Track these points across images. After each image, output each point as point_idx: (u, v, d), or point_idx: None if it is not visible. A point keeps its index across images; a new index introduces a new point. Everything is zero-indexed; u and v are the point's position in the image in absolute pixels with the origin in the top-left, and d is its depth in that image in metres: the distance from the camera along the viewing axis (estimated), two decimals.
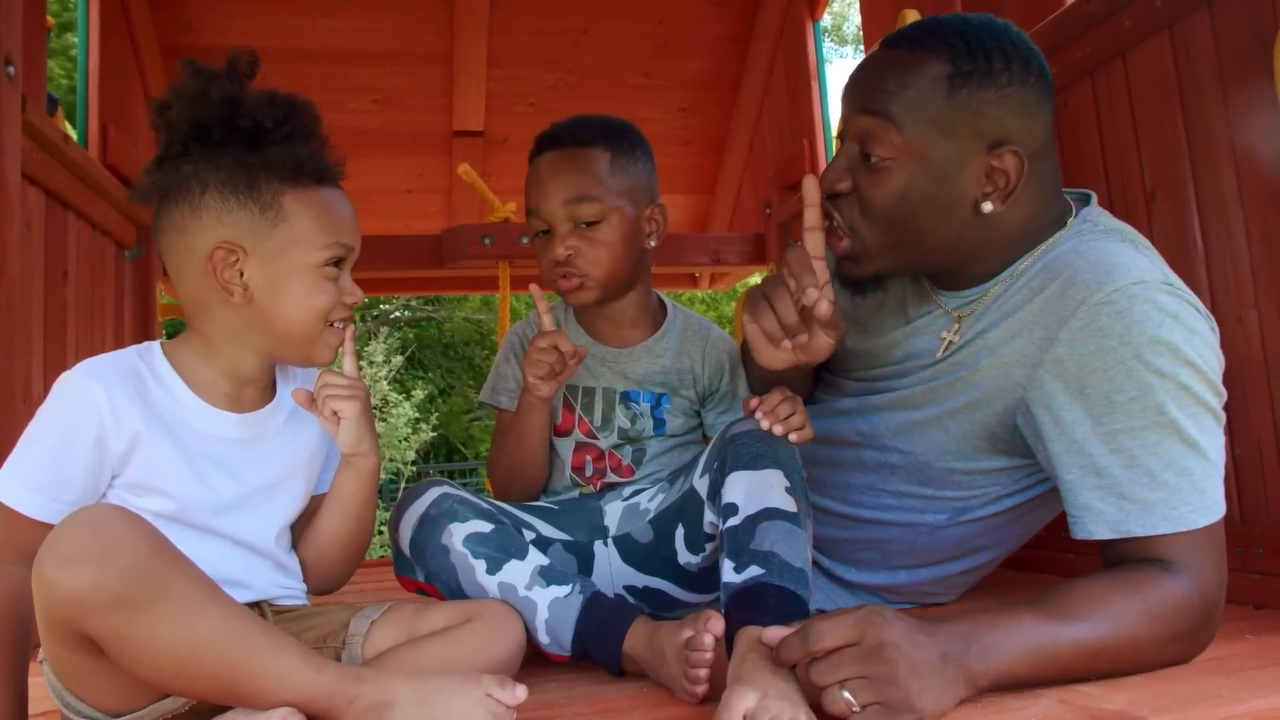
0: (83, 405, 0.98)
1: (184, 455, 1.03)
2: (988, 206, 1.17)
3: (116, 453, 1.00)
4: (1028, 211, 1.20)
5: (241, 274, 1.04)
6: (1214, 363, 1.09)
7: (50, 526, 0.94)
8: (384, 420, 9.77)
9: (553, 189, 1.38)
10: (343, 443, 1.11)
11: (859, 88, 1.22)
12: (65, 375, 1.00)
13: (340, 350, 1.12)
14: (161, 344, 1.09)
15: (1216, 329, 1.11)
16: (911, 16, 1.99)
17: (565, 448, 1.45)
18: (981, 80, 1.14)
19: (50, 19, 2.15)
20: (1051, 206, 1.23)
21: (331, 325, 1.09)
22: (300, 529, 1.17)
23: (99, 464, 1.00)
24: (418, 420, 10.22)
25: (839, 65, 15.68)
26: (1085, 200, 1.27)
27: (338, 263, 1.08)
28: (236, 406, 1.09)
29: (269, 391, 1.14)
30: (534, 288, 1.39)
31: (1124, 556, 1.07)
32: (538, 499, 1.47)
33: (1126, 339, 1.07)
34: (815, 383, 1.51)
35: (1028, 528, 1.40)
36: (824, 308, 1.10)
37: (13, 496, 0.97)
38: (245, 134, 1.04)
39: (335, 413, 1.09)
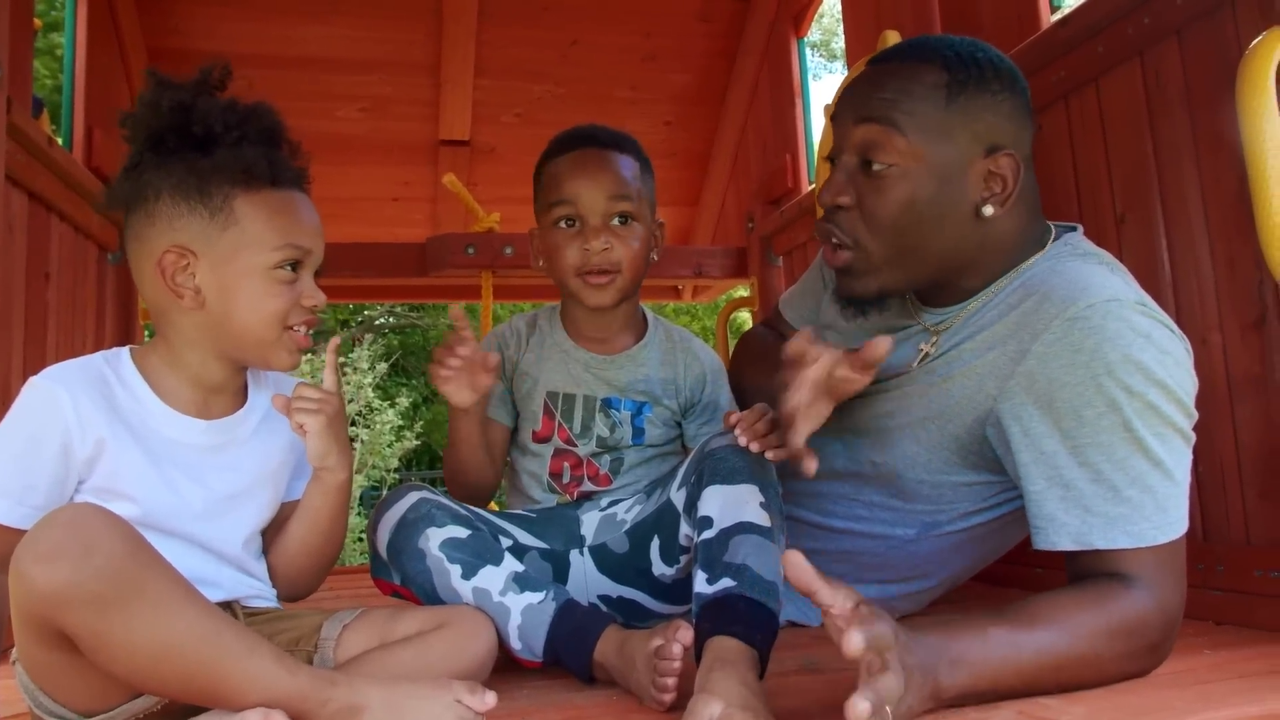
0: (48, 411, 1.00)
1: (151, 461, 1.04)
2: (988, 210, 1.20)
3: (82, 458, 1.01)
4: (1019, 221, 1.23)
5: (194, 277, 1.05)
6: (1186, 384, 1.11)
7: (16, 531, 0.95)
8: (368, 427, 9.74)
9: (596, 181, 1.40)
10: (309, 455, 1.12)
11: (855, 100, 1.24)
12: (32, 380, 1.01)
13: (305, 355, 1.13)
14: (131, 350, 1.10)
15: (1190, 351, 1.14)
16: (893, 37, 2.02)
17: (544, 453, 1.47)
18: (977, 86, 1.18)
19: (37, 21, 2.15)
20: (1036, 221, 1.26)
21: (291, 329, 1.09)
22: (270, 536, 1.18)
23: (64, 470, 1.01)
24: (401, 428, 10.18)
25: (828, 80, 15.79)
26: (1071, 230, 1.29)
27: (294, 265, 1.08)
28: (204, 413, 1.10)
29: (239, 398, 1.15)
30: (454, 310, 1.31)
31: (1087, 570, 1.09)
32: (485, 504, 1.48)
33: (1098, 354, 1.09)
34: None
35: (996, 546, 1.42)
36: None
37: None
38: (198, 140, 1.05)
39: (300, 425, 1.10)
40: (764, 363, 1.45)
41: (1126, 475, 1.07)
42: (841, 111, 1.26)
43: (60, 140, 2.32)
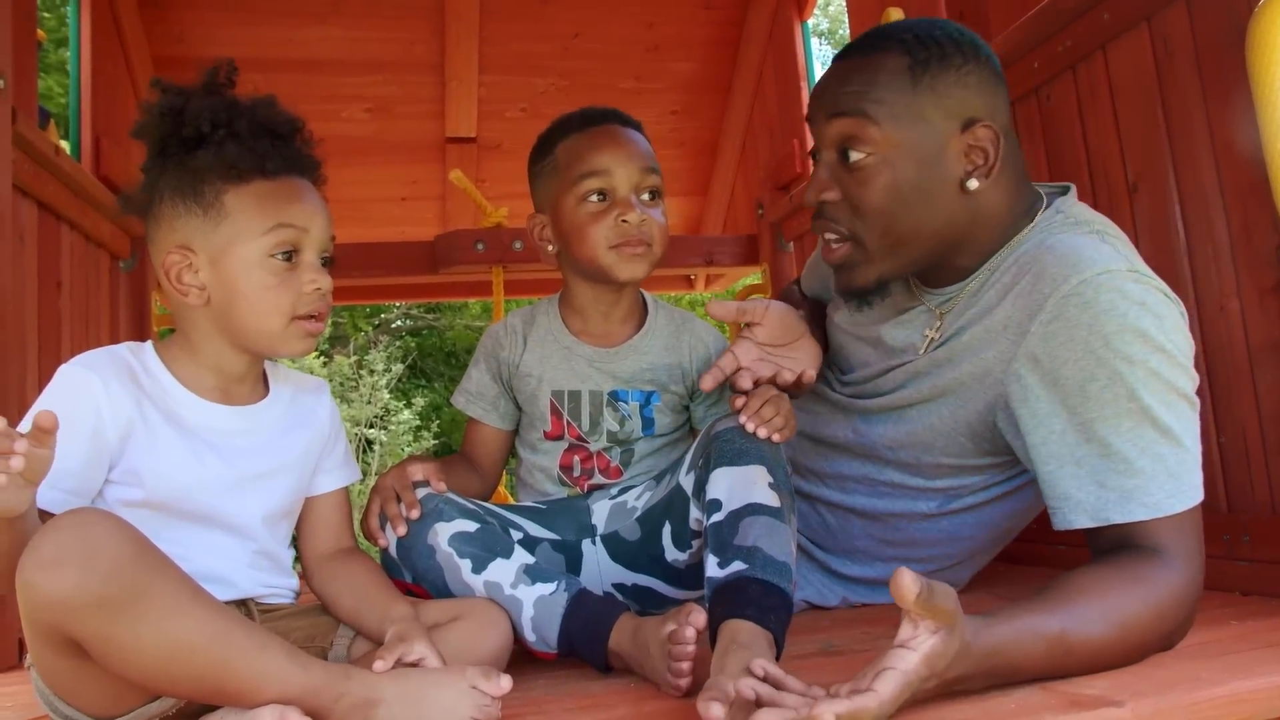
0: (80, 395, 1.01)
1: (180, 440, 1.05)
2: (974, 184, 1.20)
3: (113, 440, 1.01)
4: (1006, 193, 1.23)
5: (198, 274, 1.07)
6: (1185, 347, 1.10)
7: (47, 515, 0.95)
8: (385, 429, 9.79)
9: (630, 153, 1.38)
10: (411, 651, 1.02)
11: (824, 97, 1.26)
12: (62, 368, 1.03)
13: (313, 339, 1.11)
14: (153, 343, 1.11)
15: (1185, 313, 1.13)
16: (895, 14, 2.01)
17: (555, 450, 1.46)
18: (939, 64, 1.19)
19: (42, 33, 2.16)
20: (1024, 191, 1.26)
21: (298, 319, 1.09)
22: (301, 530, 1.20)
23: (96, 453, 1.01)
24: (419, 428, 10.23)
25: None
26: (1064, 193, 1.28)
27: (289, 253, 1.08)
28: (227, 400, 1.11)
29: (260, 388, 1.16)
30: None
31: (1111, 544, 1.07)
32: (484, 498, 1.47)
33: (1095, 328, 1.08)
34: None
35: (1018, 517, 1.41)
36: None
37: None
38: (190, 141, 1.07)
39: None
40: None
41: (1136, 446, 1.06)
42: (814, 111, 1.28)
43: (69, 150, 2.33)
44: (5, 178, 1.66)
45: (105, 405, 1.01)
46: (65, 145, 2.33)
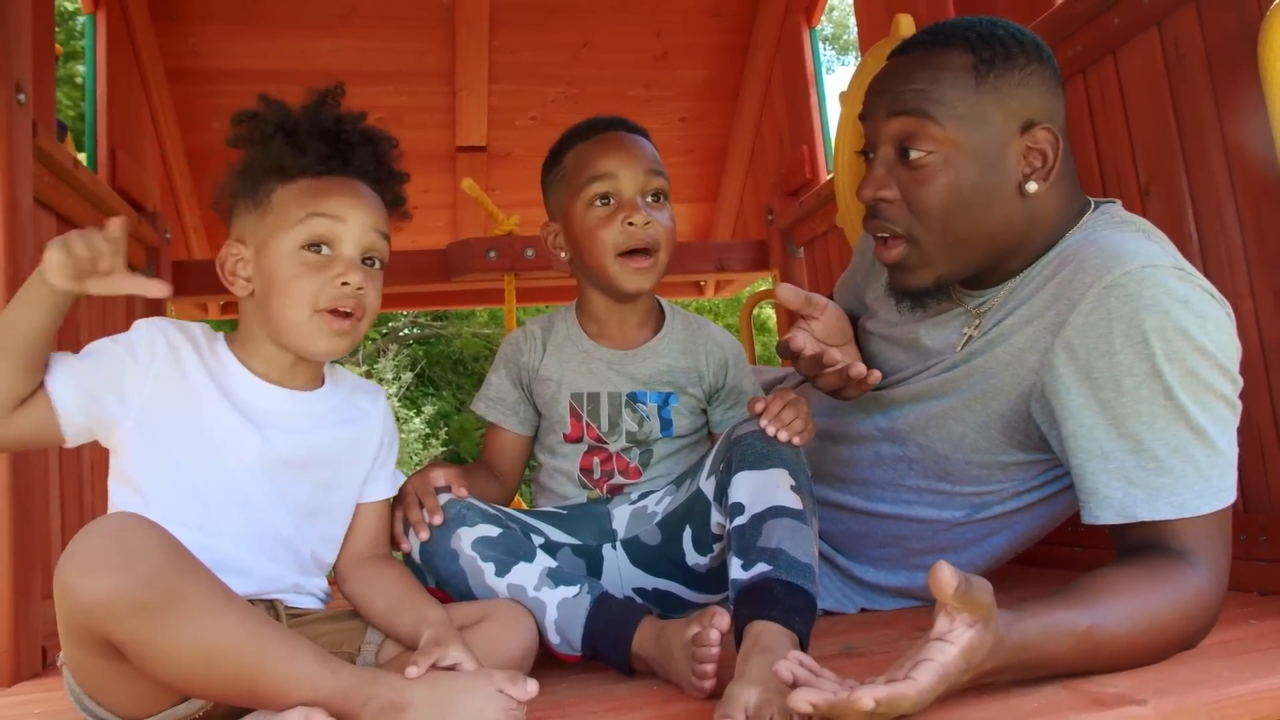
0: (136, 340, 1.05)
1: (227, 408, 1.09)
2: (1032, 186, 1.19)
3: (134, 398, 1.03)
4: (1061, 196, 1.22)
5: (247, 266, 1.12)
6: (1229, 349, 1.09)
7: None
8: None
9: (634, 155, 1.40)
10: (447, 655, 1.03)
11: (885, 94, 1.23)
12: (138, 321, 1.08)
13: (343, 339, 1.12)
14: (224, 335, 1.16)
15: (1232, 316, 1.11)
16: (905, 21, 2.01)
17: (575, 452, 1.47)
18: (1004, 64, 1.17)
19: (58, 47, 2.19)
20: (1076, 194, 1.25)
21: (322, 312, 1.09)
22: (346, 536, 1.20)
23: (119, 398, 1.03)
24: (428, 436, 10.26)
25: (842, 73, 15.73)
26: (1110, 202, 1.28)
27: (319, 247, 1.10)
28: (280, 385, 1.14)
29: (318, 381, 1.19)
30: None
31: (1137, 544, 1.07)
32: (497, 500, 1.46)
33: (1135, 321, 1.07)
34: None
35: (1044, 525, 1.40)
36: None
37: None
38: (257, 145, 1.14)
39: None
40: None
41: (1168, 445, 1.05)
42: (872, 108, 1.25)
43: (85, 162, 2.35)
44: (26, 190, 1.67)
45: (161, 345, 1.06)
46: (82, 158, 2.35)
